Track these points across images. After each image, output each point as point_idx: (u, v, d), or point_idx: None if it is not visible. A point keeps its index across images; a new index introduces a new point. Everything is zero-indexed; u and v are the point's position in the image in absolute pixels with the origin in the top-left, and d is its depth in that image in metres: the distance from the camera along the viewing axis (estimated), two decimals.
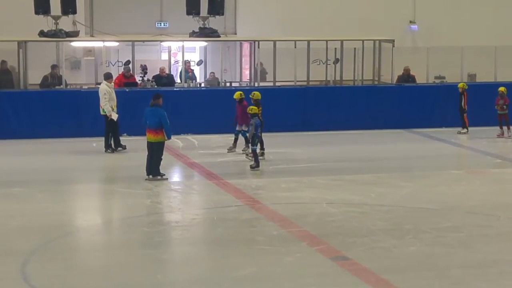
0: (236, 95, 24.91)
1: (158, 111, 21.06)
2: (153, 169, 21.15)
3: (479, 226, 17.08)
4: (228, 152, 25.03)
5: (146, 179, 21.08)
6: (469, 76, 32.63)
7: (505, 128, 28.51)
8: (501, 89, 28.49)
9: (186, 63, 30.95)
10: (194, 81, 31.28)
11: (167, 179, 21.24)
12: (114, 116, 24.76)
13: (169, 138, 21.23)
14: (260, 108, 23.84)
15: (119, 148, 25.17)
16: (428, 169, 23.41)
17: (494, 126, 28.76)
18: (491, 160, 25.31)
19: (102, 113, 25.00)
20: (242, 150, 25.03)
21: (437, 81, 32.43)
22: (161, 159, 21.26)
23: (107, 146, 25.10)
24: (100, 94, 24.94)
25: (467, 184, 21.55)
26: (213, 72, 31.31)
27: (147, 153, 21.31)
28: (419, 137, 29.03)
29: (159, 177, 21.11)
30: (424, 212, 18.15)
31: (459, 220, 17.47)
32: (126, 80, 28.67)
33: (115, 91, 25.38)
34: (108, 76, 25.45)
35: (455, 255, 14.99)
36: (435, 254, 15.04)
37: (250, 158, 23.15)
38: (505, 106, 28.37)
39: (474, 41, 33.84)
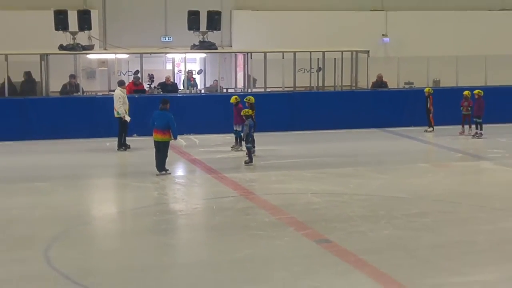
0: (232, 99, 24.91)
1: (167, 114, 21.08)
2: (160, 165, 21.13)
3: (444, 212, 17.09)
4: (232, 149, 24.99)
5: (157, 175, 21.07)
6: (434, 82, 32.63)
7: (466, 127, 28.49)
8: (466, 92, 28.44)
9: (189, 73, 30.91)
10: (195, 87, 31.24)
11: (170, 173, 21.21)
12: (128, 118, 24.76)
13: (175, 138, 21.22)
14: (254, 111, 23.84)
15: (123, 147, 25.16)
16: (399, 163, 23.40)
17: (456, 125, 28.75)
18: (454, 155, 25.30)
19: (116, 115, 24.97)
20: (231, 147, 25.05)
21: (407, 86, 32.43)
22: (167, 156, 21.25)
23: (120, 145, 25.08)
24: (115, 99, 24.96)
25: (433, 175, 21.55)
26: (216, 80, 31.28)
27: (155, 151, 21.31)
28: (391, 135, 29.02)
29: (163, 172, 21.09)
30: (396, 200, 18.15)
31: (426, 207, 17.49)
32: (136, 87, 28.62)
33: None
34: (121, 83, 25.50)
35: (423, 238, 15.00)
36: (405, 237, 15.06)
37: (247, 154, 23.23)
38: (469, 108, 28.34)
39: (439, 52, 33.87)
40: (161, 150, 21.09)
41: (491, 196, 18.71)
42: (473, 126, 28.17)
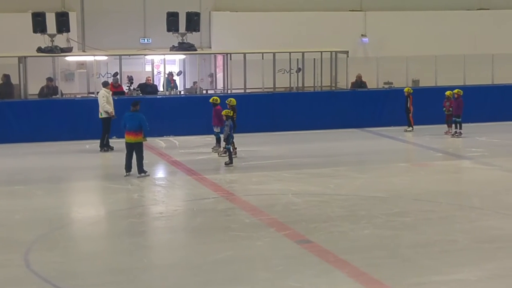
0: (212, 99, 24.90)
1: (138, 115, 21.16)
2: (139, 167, 21.12)
3: (424, 211, 17.15)
4: (212, 151, 24.92)
5: (125, 176, 21.09)
6: (413, 82, 32.76)
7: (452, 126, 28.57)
8: (447, 93, 28.58)
9: (169, 75, 30.90)
10: (175, 89, 31.24)
11: (149, 175, 21.21)
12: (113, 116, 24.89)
13: (144, 139, 21.23)
14: (235, 113, 23.79)
15: (105, 147, 25.17)
16: (379, 162, 23.48)
17: (436, 124, 28.93)
18: (433, 154, 25.39)
19: (100, 116, 25.00)
20: (212, 148, 25.02)
21: (386, 86, 32.53)
22: (143, 157, 21.23)
23: (102, 145, 25.08)
24: (99, 98, 25.16)
25: (413, 175, 21.63)
26: (202, 79, 31.29)
27: (126, 152, 21.32)
28: (371, 135, 29.11)
29: (143, 174, 21.10)
30: (376, 200, 18.20)
31: (406, 206, 17.54)
32: (115, 89, 28.53)
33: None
34: (105, 84, 25.77)
35: (403, 237, 15.05)
36: (386, 236, 15.10)
37: (223, 155, 23.19)
38: (451, 108, 28.44)
39: (418, 51, 33.98)
40: (137, 152, 21.09)
41: (471, 195, 18.85)
42: (453, 125, 28.28)
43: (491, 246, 14.44)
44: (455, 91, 28.34)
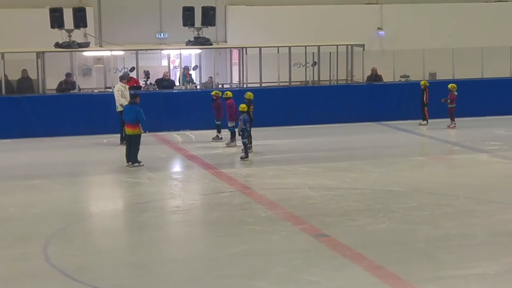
0: (222, 93, 25.07)
1: (135, 108, 21.51)
2: (132, 157, 21.49)
3: (441, 205, 17.09)
4: (226, 146, 24.94)
5: (126, 166, 21.44)
6: (430, 75, 32.57)
7: (456, 119, 28.43)
8: (449, 86, 28.60)
9: (185, 69, 30.93)
10: (191, 83, 31.27)
11: (143, 165, 21.44)
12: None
13: (145, 131, 21.55)
14: (252, 107, 23.73)
15: (124, 141, 25.19)
16: (395, 156, 23.40)
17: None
18: (450, 148, 25.33)
19: (117, 110, 25.02)
20: (226, 144, 25.00)
21: (402, 79, 32.38)
22: (139, 149, 21.55)
23: (122, 139, 25.15)
24: (114, 92, 25.26)
25: (430, 168, 21.56)
26: (211, 77, 31.32)
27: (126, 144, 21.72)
28: (387, 128, 29.02)
29: (136, 164, 21.45)
30: (392, 194, 18.16)
31: (423, 200, 17.49)
32: (129, 83, 28.53)
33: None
34: (122, 78, 25.76)
35: (420, 231, 15.01)
36: (402, 230, 15.08)
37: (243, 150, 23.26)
38: (448, 100, 28.42)
39: (434, 44, 33.85)
40: (133, 143, 21.46)
41: (488, 189, 18.69)
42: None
43: (510, 240, 14.39)
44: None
